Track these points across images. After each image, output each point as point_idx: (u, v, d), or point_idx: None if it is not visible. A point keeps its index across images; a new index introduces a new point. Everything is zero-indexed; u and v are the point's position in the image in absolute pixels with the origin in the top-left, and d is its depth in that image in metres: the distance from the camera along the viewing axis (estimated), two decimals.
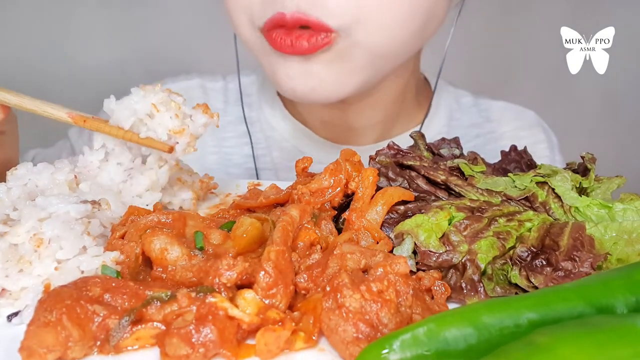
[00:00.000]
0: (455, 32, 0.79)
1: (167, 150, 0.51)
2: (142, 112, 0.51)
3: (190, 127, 0.52)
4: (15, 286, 0.41)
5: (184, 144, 0.52)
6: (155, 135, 0.51)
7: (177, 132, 0.51)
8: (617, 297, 0.36)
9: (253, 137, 0.87)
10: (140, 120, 0.51)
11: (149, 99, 0.51)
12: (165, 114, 0.51)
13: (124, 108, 0.51)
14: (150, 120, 0.51)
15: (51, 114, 0.52)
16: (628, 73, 1.31)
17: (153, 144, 0.51)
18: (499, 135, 0.90)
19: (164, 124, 0.51)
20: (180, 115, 0.52)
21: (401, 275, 0.38)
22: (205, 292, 0.37)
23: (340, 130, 0.82)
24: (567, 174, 0.52)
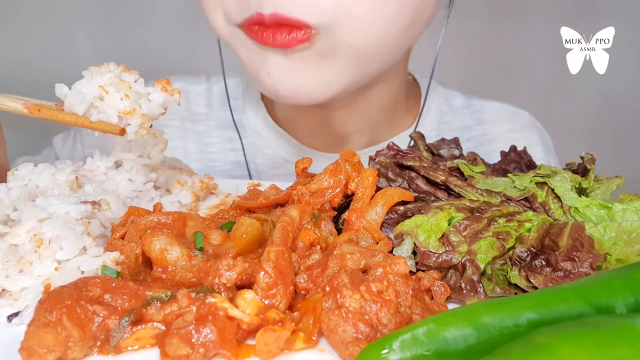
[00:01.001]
0: (455, 32, 0.79)
1: (117, 132, 0.49)
2: (90, 96, 0.49)
3: (143, 107, 0.50)
4: (16, 286, 0.41)
5: (135, 126, 0.50)
6: (106, 119, 0.49)
7: (128, 113, 0.49)
8: (616, 297, 0.36)
9: (237, 143, 0.84)
10: (91, 105, 0.50)
11: (96, 81, 0.49)
12: (116, 95, 0.49)
13: (76, 93, 0.49)
14: (101, 103, 0.49)
15: (8, 107, 0.50)
16: (628, 73, 1.30)
17: (103, 127, 0.49)
18: (492, 138, 0.88)
19: (114, 106, 0.49)
20: (132, 96, 0.50)
21: (401, 276, 0.39)
22: (205, 292, 0.37)
23: (326, 137, 0.80)
24: (566, 175, 0.52)
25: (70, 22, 1.30)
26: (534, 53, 1.47)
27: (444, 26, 0.75)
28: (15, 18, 1.30)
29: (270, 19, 0.58)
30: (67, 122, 0.50)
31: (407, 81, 0.85)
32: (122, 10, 1.32)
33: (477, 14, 1.36)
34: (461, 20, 0.80)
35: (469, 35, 1.31)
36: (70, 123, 0.50)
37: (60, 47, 1.29)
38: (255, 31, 0.60)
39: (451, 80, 0.93)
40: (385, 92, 0.76)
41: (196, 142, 0.85)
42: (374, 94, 0.75)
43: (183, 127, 0.86)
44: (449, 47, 0.80)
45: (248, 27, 0.61)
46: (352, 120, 0.78)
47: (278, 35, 0.58)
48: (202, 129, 0.86)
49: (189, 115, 0.86)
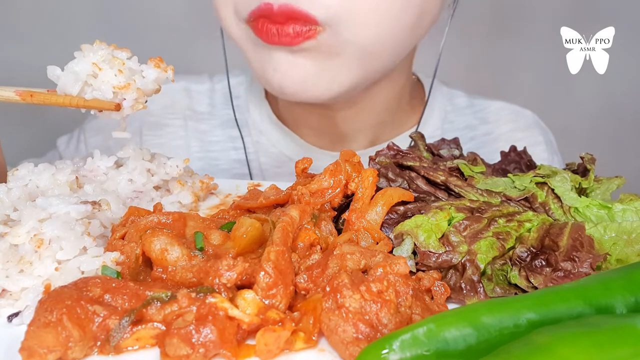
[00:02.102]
0: (455, 32, 0.79)
1: (113, 108, 0.50)
2: (83, 74, 0.49)
3: (138, 82, 0.51)
4: (16, 286, 0.41)
5: (131, 100, 0.50)
6: (101, 96, 0.49)
7: (122, 88, 0.49)
8: (616, 297, 0.36)
9: (239, 142, 0.84)
10: (85, 83, 0.49)
11: (89, 59, 0.49)
12: (109, 72, 0.49)
13: (68, 73, 0.49)
14: (95, 80, 0.49)
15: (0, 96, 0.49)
16: (628, 73, 1.30)
17: (99, 104, 0.49)
18: (495, 137, 0.88)
19: (108, 82, 0.49)
20: (126, 71, 0.50)
21: (401, 276, 0.39)
22: (205, 292, 0.37)
23: (330, 136, 0.80)
24: (566, 175, 0.52)
25: (71, 23, 1.30)
26: (534, 53, 1.47)
27: (447, 25, 0.75)
28: (15, 19, 1.30)
29: (278, 10, 0.58)
30: (61, 104, 0.50)
31: (412, 81, 0.85)
32: (123, 10, 1.32)
33: (478, 14, 1.36)
34: (463, 20, 0.80)
35: (470, 35, 1.31)
36: (64, 105, 0.50)
37: (61, 48, 1.29)
38: (261, 27, 0.60)
39: (452, 80, 0.93)
40: (389, 91, 0.77)
41: (199, 141, 0.85)
42: (378, 93, 0.75)
43: (186, 126, 0.86)
44: (450, 47, 0.80)
45: (255, 22, 0.61)
46: (357, 119, 0.78)
47: (283, 30, 0.59)
48: (205, 128, 0.86)
49: (191, 114, 0.87)
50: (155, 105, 0.87)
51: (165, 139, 0.85)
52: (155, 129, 0.86)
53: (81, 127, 0.89)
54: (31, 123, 1.16)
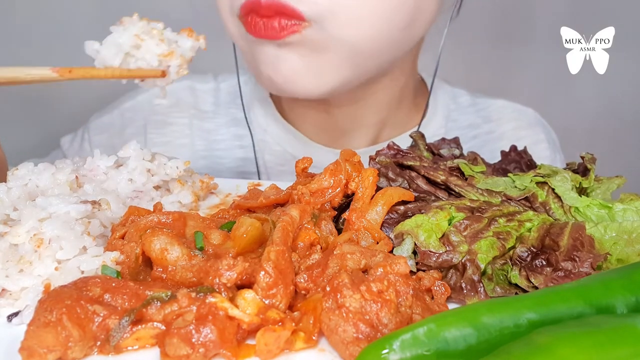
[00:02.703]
0: (455, 32, 0.79)
1: (159, 75, 0.51)
2: (127, 45, 0.50)
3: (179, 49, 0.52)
4: (16, 286, 0.41)
5: (175, 67, 0.52)
6: (146, 65, 0.51)
7: (167, 55, 0.51)
8: (617, 297, 0.36)
9: (245, 140, 0.85)
10: (126, 55, 0.51)
11: (130, 31, 0.51)
12: (150, 42, 0.51)
13: (110, 45, 0.50)
14: (137, 51, 0.51)
15: (35, 75, 0.50)
16: (628, 73, 1.30)
17: (144, 72, 0.51)
18: (498, 136, 0.88)
19: (152, 51, 0.51)
20: (165, 41, 0.52)
21: (401, 276, 0.38)
22: (205, 292, 0.37)
23: (333, 133, 0.81)
24: (567, 174, 0.52)
25: (70, 23, 1.30)
26: (534, 53, 1.47)
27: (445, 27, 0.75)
28: (15, 19, 1.30)
29: (266, 4, 0.58)
30: (103, 77, 0.51)
31: (416, 80, 0.85)
32: (125, 10, 1.32)
33: (477, 14, 1.36)
34: (461, 19, 0.80)
35: (470, 35, 1.31)
36: (106, 77, 0.51)
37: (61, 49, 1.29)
38: (250, 21, 0.61)
39: (453, 79, 0.93)
40: (391, 89, 0.77)
41: (204, 140, 0.86)
42: (379, 91, 0.75)
43: (191, 124, 0.86)
44: (451, 47, 0.80)
45: (245, 17, 0.62)
46: (359, 116, 0.78)
47: (270, 23, 0.59)
48: (210, 127, 0.86)
49: (196, 113, 0.87)
50: (160, 104, 0.87)
51: (171, 137, 0.86)
52: (160, 128, 0.86)
53: (85, 126, 0.89)
54: (34, 123, 1.16)
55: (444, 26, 0.75)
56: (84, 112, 0.92)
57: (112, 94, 0.92)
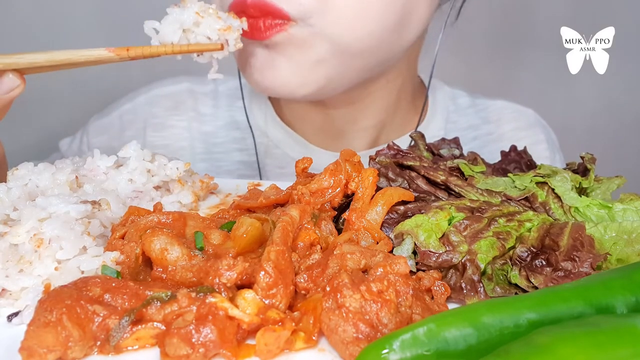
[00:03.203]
0: (456, 32, 0.79)
1: (219, 47, 0.55)
2: (189, 22, 0.54)
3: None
4: (16, 286, 0.41)
5: (233, 40, 0.55)
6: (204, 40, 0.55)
7: (226, 30, 0.55)
8: (617, 297, 0.36)
9: (243, 143, 0.85)
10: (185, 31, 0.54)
11: (192, 9, 0.54)
12: (209, 19, 0.54)
13: (169, 24, 0.54)
14: (197, 28, 0.54)
15: (89, 56, 0.51)
16: (628, 73, 1.30)
17: (204, 47, 0.54)
18: (498, 136, 0.88)
19: (212, 27, 0.54)
20: (222, 17, 0.56)
21: (401, 276, 0.38)
22: (205, 292, 0.37)
23: (332, 135, 0.81)
24: (566, 174, 0.52)
25: (70, 23, 1.30)
26: (534, 53, 1.47)
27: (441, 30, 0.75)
28: (15, 18, 1.30)
29: (251, 4, 0.59)
30: (162, 53, 0.53)
31: (415, 82, 0.85)
32: (124, 10, 1.32)
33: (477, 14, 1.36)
34: (461, 19, 0.80)
35: (469, 35, 1.31)
36: (165, 53, 0.53)
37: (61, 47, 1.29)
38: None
39: (452, 79, 0.93)
40: (387, 90, 0.77)
41: (203, 143, 0.86)
42: (375, 92, 0.75)
43: (190, 127, 0.86)
44: (451, 48, 0.80)
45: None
46: (356, 118, 0.78)
47: (256, 23, 0.59)
48: (209, 129, 0.86)
49: (195, 116, 0.87)
50: (159, 107, 0.87)
51: (170, 140, 0.86)
52: (159, 130, 0.86)
53: (84, 128, 0.89)
54: (33, 126, 1.16)
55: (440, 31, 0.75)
56: (81, 115, 0.91)
57: (125, 88, 0.92)
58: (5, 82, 0.50)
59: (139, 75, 1.06)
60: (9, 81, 0.50)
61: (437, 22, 0.76)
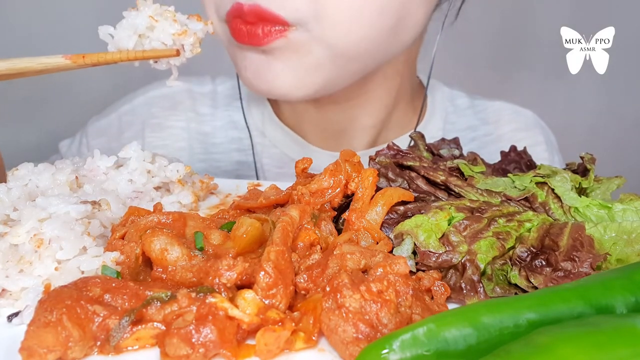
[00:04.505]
0: (455, 32, 0.79)
1: (174, 53, 0.53)
2: (142, 27, 0.52)
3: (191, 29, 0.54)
4: (16, 286, 0.41)
5: (189, 45, 0.53)
6: (160, 46, 0.52)
7: (181, 34, 0.52)
8: (616, 297, 0.36)
9: (242, 143, 0.84)
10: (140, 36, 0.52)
11: (145, 13, 0.52)
12: (164, 23, 0.52)
13: (123, 29, 0.52)
14: (152, 33, 0.52)
15: (47, 64, 0.50)
16: (628, 73, 1.30)
17: (159, 53, 0.52)
18: (496, 138, 0.88)
19: (166, 31, 0.52)
20: (178, 21, 0.53)
21: (401, 276, 0.38)
22: (205, 292, 0.37)
23: (331, 136, 0.81)
24: (566, 175, 0.52)
25: (69, 23, 1.30)
26: (534, 53, 1.47)
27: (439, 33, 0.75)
28: (14, 17, 1.30)
29: (248, 10, 0.59)
30: (118, 60, 0.51)
31: (413, 82, 0.85)
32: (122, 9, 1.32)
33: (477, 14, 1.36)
34: (461, 19, 0.80)
35: (469, 34, 1.31)
36: (120, 60, 0.51)
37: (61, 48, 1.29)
38: (235, 27, 0.61)
39: (452, 79, 0.93)
40: (385, 89, 0.77)
41: (201, 143, 0.86)
42: (372, 90, 0.75)
43: (188, 128, 0.86)
44: (450, 46, 0.80)
45: (230, 23, 0.62)
46: (355, 118, 0.78)
47: (253, 30, 0.59)
48: (207, 130, 0.86)
49: (194, 116, 0.87)
50: (157, 108, 0.87)
51: (169, 141, 0.86)
52: (158, 131, 0.86)
53: (83, 129, 0.89)
54: (33, 128, 1.16)
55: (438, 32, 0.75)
56: (81, 116, 0.91)
57: (125, 88, 0.92)
58: None
59: (139, 76, 1.06)
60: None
61: (436, 22, 0.75)
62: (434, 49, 0.77)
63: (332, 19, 0.59)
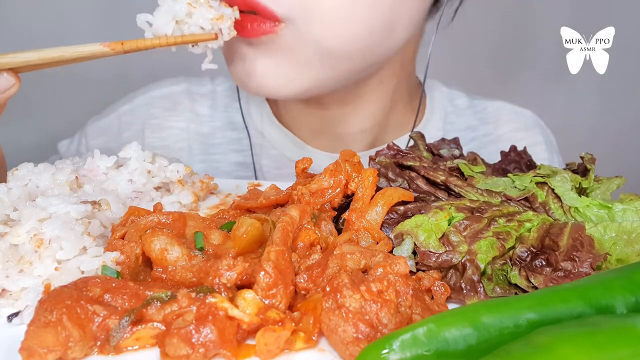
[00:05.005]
0: (455, 32, 0.79)
1: (213, 37, 0.55)
2: (181, 13, 0.53)
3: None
4: (16, 286, 0.41)
5: (226, 29, 0.55)
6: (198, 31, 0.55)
7: (219, 19, 0.55)
8: (616, 297, 0.36)
9: (241, 144, 0.84)
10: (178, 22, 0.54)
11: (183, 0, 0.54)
12: (201, 9, 0.54)
13: (161, 16, 0.53)
14: (189, 19, 0.54)
15: (83, 52, 0.50)
16: (628, 73, 1.30)
17: (198, 37, 0.54)
18: (496, 138, 0.88)
19: (205, 16, 0.54)
20: (214, 6, 0.55)
21: (401, 276, 0.39)
22: (205, 292, 0.37)
23: (329, 137, 0.80)
24: (566, 175, 0.52)
25: (70, 23, 1.30)
26: (534, 53, 1.47)
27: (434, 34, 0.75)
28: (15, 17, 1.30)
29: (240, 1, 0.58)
30: (157, 45, 0.53)
31: (411, 82, 0.84)
32: (122, 10, 1.32)
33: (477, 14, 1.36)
34: (461, 19, 0.80)
35: (469, 34, 1.31)
36: (160, 45, 0.53)
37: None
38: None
39: (451, 79, 0.93)
40: (382, 91, 0.76)
41: (200, 144, 0.85)
42: (369, 92, 0.75)
43: (187, 128, 0.86)
44: (450, 46, 0.79)
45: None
46: (353, 120, 0.78)
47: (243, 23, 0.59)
48: (206, 130, 0.86)
49: (193, 117, 0.87)
50: (157, 108, 0.87)
51: (168, 142, 0.85)
52: (158, 131, 0.86)
53: (82, 130, 0.89)
54: (33, 128, 1.16)
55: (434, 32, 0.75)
56: (80, 117, 0.91)
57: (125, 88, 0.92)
58: (1, 81, 0.50)
59: (139, 77, 1.06)
60: (4, 80, 0.50)
61: (435, 22, 0.75)
62: (429, 49, 0.77)
63: (321, 15, 0.59)
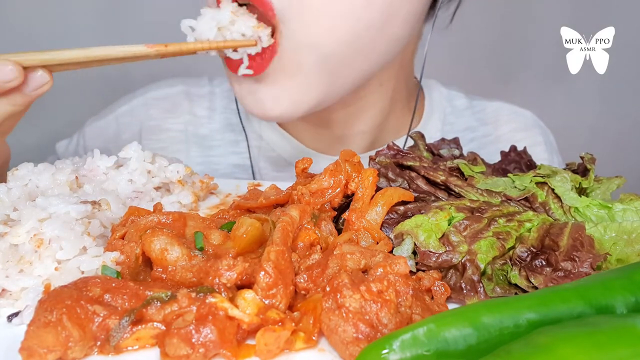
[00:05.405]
0: (455, 32, 0.79)
1: (253, 43, 0.57)
2: (225, 21, 0.57)
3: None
4: (16, 286, 0.41)
5: (266, 36, 0.58)
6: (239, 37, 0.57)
7: (259, 27, 0.58)
8: (616, 297, 0.36)
9: (239, 146, 0.84)
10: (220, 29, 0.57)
11: (227, 9, 0.57)
12: (243, 17, 0.58)
13: (206, 22, 0.57)
14: (232, 26, 0.57)
15: (127, 52, 0.52)
16: (628, 73, 1.30)
17: (239, 43, 0.57)
18: (495, 138, 0.87)
19: (247, 24, 0.57)
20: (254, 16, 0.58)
21: (401, 276, 0.39)
22: (205, 292, 0.37)
23: (328, 140, 0.80)
24: (566, 175, 0.52)
25: (70, 23, 1.30)
26: (534, 53, 1.47)
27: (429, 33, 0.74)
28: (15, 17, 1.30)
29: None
30: (199, 49, 0.56)
31: (410, 84, 0.84)
32: (122, 11, 1.32)
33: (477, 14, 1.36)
34: (461, 19, 0.80)
35: (469, 35, 1.31)
36: (202, 49, 0.56)
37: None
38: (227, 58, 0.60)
39: (451, 79, 0.93)
40: (381, 93, 0.76)
41: (199, 145, 0.85)
42: (368, 95, 0.75)
43: (186, 130, 0.86)
44: (450, 47, 0.79)
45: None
46: (352, 122, 0.78)
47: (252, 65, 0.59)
48: (205, 132, 0.86)
49: (191, 119, 0.86)
50: (155, 109, 0.87)
51: (167, 143, 0.85)
52: (156, 133, 0.86)
53: (80, 130, 0.88)
54: (33, 128, 1.16)
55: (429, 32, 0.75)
56: (79, 117, 0.91)
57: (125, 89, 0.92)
58: (36, 78, 0.51)
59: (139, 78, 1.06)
60: (39, 78, 0.51)
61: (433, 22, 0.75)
62: (425, 49, 0.76)
63: (315, 13, 0.58)
